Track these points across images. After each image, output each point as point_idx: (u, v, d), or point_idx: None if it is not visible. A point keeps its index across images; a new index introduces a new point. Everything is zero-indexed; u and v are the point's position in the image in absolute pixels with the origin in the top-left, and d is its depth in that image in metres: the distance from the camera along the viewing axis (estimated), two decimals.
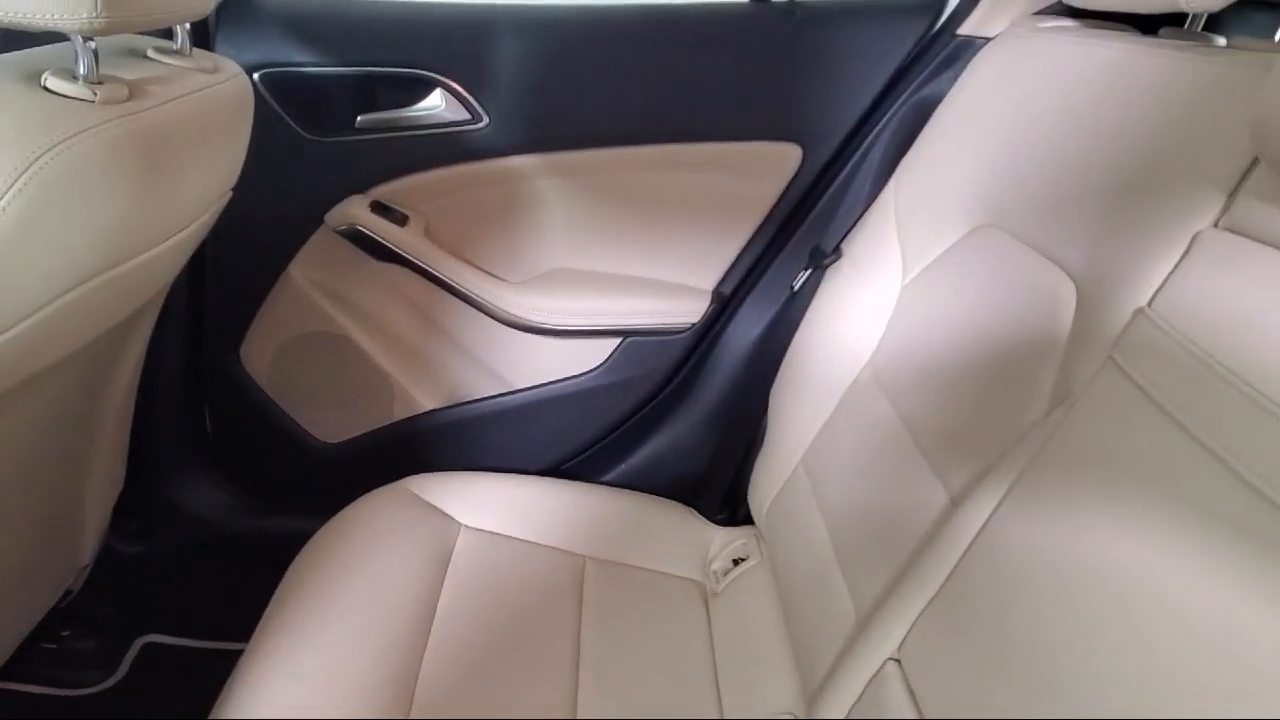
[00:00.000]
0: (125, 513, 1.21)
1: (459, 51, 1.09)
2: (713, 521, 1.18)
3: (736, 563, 1.11)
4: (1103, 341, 0.62)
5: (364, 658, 0.86)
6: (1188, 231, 0.59)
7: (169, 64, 0.78)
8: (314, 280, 1.18)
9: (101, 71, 0.66)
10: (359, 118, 1.10)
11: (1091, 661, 0.50)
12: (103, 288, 0.70)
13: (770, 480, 1.09)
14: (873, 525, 0.84)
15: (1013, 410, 0.70)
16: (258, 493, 1.30)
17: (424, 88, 1.10)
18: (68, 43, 0.75)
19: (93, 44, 0.65)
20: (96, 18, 0.60)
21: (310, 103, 1.09)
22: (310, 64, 1.07)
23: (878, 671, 0.71)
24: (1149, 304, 0.59)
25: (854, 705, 0.72)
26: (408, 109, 1.11)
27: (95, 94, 0.64)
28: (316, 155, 1.11)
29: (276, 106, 1.07)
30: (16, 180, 0.56)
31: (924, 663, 0.66)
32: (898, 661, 0.69)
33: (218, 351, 1.22)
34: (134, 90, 0.68)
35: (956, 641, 0.63)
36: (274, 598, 0.95)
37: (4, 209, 0.56)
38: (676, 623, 1.03)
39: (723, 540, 1.15)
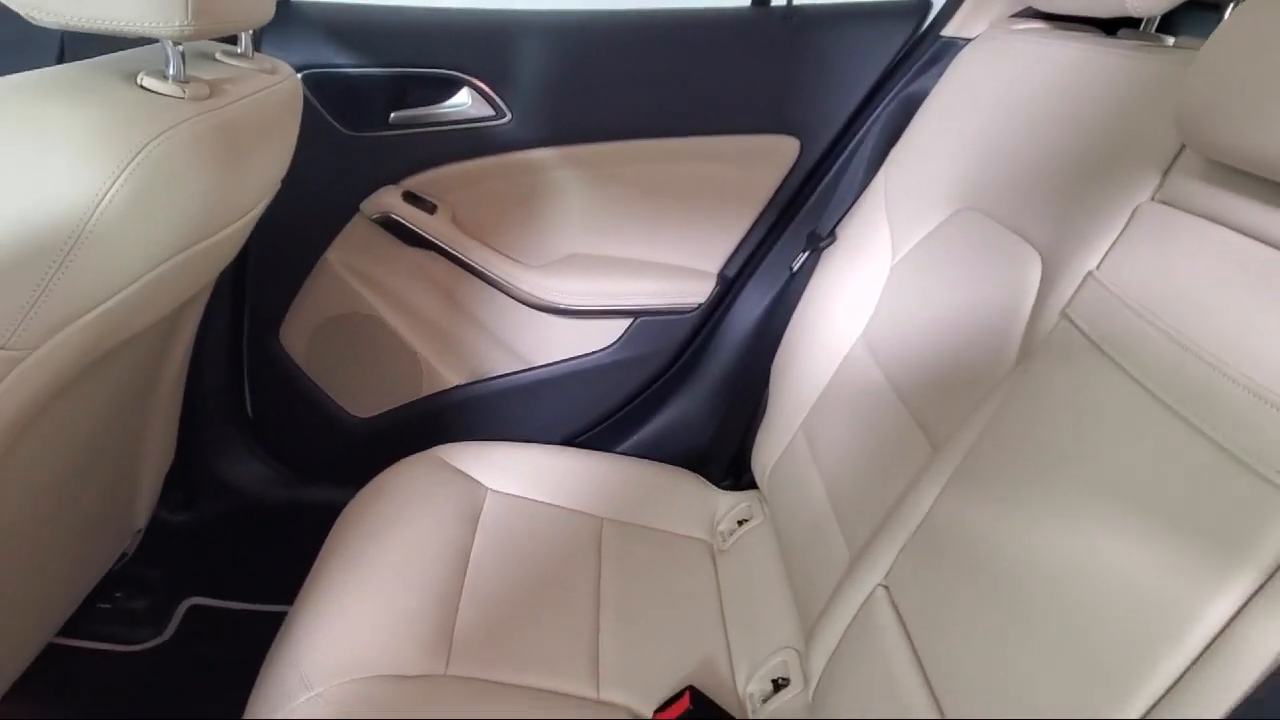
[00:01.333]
0: (171, 484, 1.30)
1: (484, 53, 1.18)
2: (719, 487, 1.28)
3: (741, 523, 1.20)
4: (1060, 303, 0.72)
5: (408, 601, 0.95)
6: (1130, 205, 0.69)
7: (236, 65, 0.88)
8: (349, 265, 1.28)
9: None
10: (392, 114, 1.20)
11: (1047, 574, 0.59)
12: (180, 266, 0.80)
13: (772, 446, 1.19)
14: (864, 476, 0.94)
15: (986, 366, 0.80)
16: (295, 465, 1.39)
17: (452, 86, 1.20)
18: (150, 46, 0.85)
19: (181, 48, 0.74)
20: (186, 25, 0.69)
21: (348, 101, 1.18)
22: (348, 65, 1.17)
23: (868, 597, 0.80)
24: (1098, 267, 0.68)
25: (847, 629, 0.82)
26: (437, 106, 1.21)
27: (184, 92, 0.74)
28: (353, 149, 1.20)
29: (317, 104, 1.17)
30: (126, 167, 0.66)
31: (908, 586, 0.75)
32: (885, 587, 0.79)
33: (258, 332, 1.31)
34: (213, 89, 0.78)
35: (935, 566, 0.72)
36: (323, 550, 1.04)
37: (116, 192, 0.65)
38: (687, 576, 1.12)
39: (728, 503, 1.24)
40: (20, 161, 0.63)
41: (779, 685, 0.94)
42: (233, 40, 0.91)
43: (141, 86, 0.73)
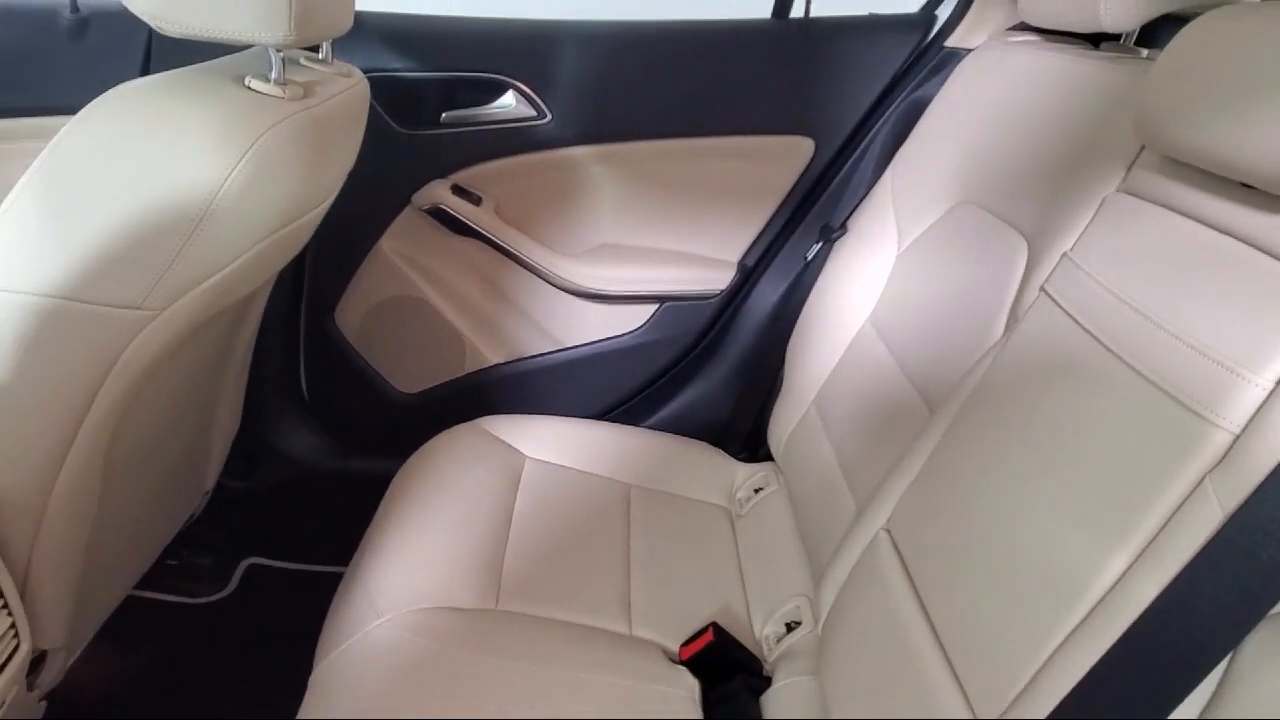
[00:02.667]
0: (234, 452, 1.41)
1: (528, 59, 1.30)
2: (737, 459, 1.39)
3: (757, 491, 1.31)
4: (1040, 281, 0.83)
5: (460, 547, 1.06)
6: (1100, 195, 0.80)
7: (317, 70, 0.99)
8: (400, 252, 1.40)
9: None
10: (443, 114, 1.32)
11: (1014, 513, 0.70)
12: (275, 243, 0.92)
13: (786, 420, 1.30)
14: (870, 440, 1.05)
15: (978, 337, 0.91)
16: (345, 437, 1.51)
17: (498, 89, 1.32)
18: (245, 52, 0.97)
19: (282, 54, 0.86)
20: (289, 35, 0.81)
21: (403, 101, 1.30)
22: (404, 69, 1.28)
23: (872, 540, 0.91)
24: (1072, 249, 0.79)
25: (853, 569, 0.93)
26: (484, 107, 1.33)
27: (284, 93, 0.86)
28: (407, 146, 1.32)
29: (376, 104, 1.29)
30: (243, 156, 0.77)
31: (907, 528, 0.86)
32: (888, 531, 0.90)
33: (315, 314, 1.43)
34: (305, 90, 0.90)
35: (931, 510, 0.83)
36: (383, 503, 1.16)
37: (234, 177, 0.77)
38: (708, 537, 1.23)
39: (745, 474, 1.35)
40: (160, 150, 0.75)
41: (791, 627, 1.05)
42: (313, 47, 1.03)
43: (249, 88, 0.84)
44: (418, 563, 1.03)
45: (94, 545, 0.93)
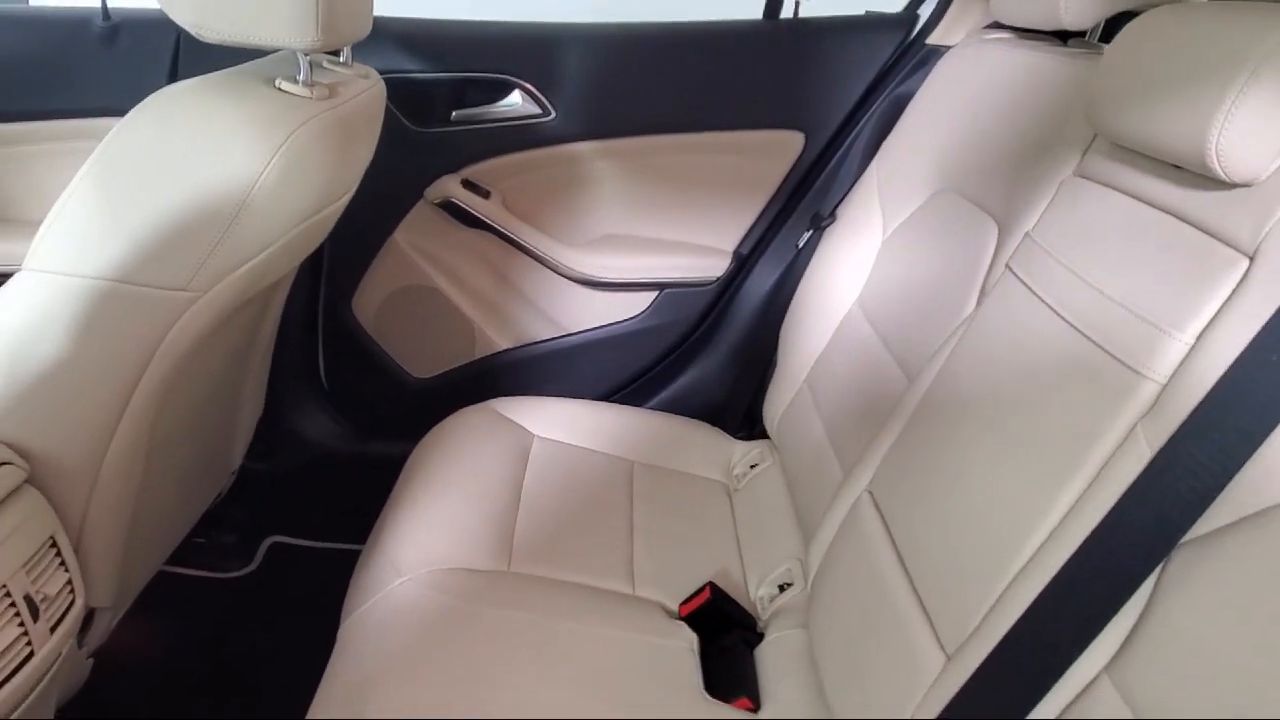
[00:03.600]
0: (256, 437, 1.49)
1: (533, 60, 1.38)
2: (734, 437, 1.46)
3: (753, 467, 1.39)
4: (1006, 259, 0.90)
5: (474, 518, 1.14)
6: (1059, 179, 0.87)
7: (339, 72, 1.07)
8: (414, 244, 1.48)
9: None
10: (454, 113, 1.40)
11: (985, 463, 0.78)
12: (302, 232, 0.99)
13: (780, 399, 1.37)
14: (856, 412, 1.12)
15: (952, 313, 0.98)
16: (361, 420, 1.59)
17: (505, 89, 1.40)
18: (272, 56, 1.04)
19: (308, 58, 0.94)
20: (316, 40, 0.88)
21: (416, 101, 1.38)
22: (417, 70, 1.36)
23: (856, 502, 0.99)
24: (1033, 229, 0.86)
25: (838, 530, 1.00)
26: (492, 106, 1.41)
27: (311, 93, 0.93)
28: (419, 143, 1.40)
29: (390, 104, 1.36)
30: (276, 152, 0.85)
31: (886, 488, 0.94)
32: (870, 492, 0.97)
33: (333, 303, 1.51)
34: (330, 91, 0.97)
35: (908, 470, 0.91)
36: (401, 476, 1.23)
37: (270, 170, 0.85)
38: (706, 508, 1.30)
39: (742, 451, 1.42)
40: (204, 146, 0.82)
41: (784, 588, 1.12)
42: (334, 51, 1.11)
43: (280, 89, 0.92)
44: (435, 529, 1.11)
45: (137, 513, 1.01)
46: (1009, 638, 0.66)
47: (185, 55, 1.33)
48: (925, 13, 1.38)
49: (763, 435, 1.44)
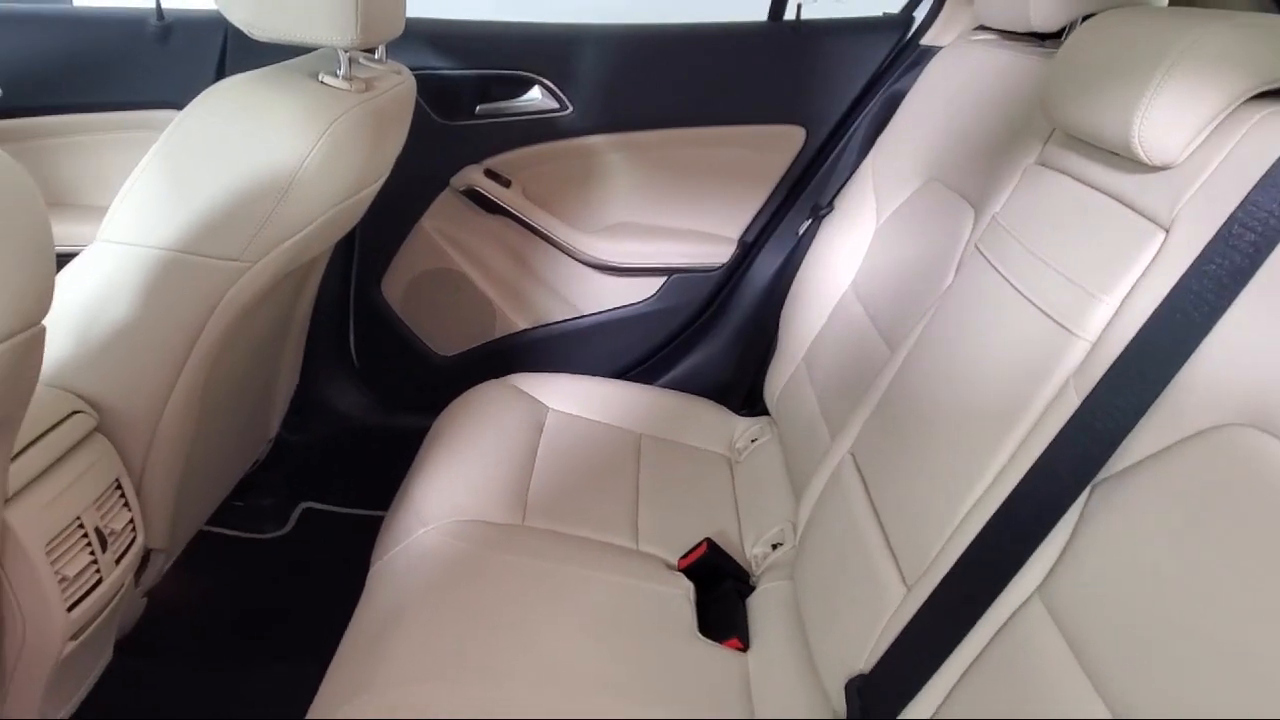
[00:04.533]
0: (290, 409, 1.60)
1: (552, 58, 1.48)
2: (737, 413, 1.55)
3: (753, 441, 1.48)
4: (976, 239, 0.99)
5: (491, 478, 1.23)
6: (1023, 166, 0.96)
7: (373, 68, 1.17)
8: (439, 229, 1.58)
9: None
10: (477, 107, 1.50)
11: (945, 418, 0.87)
12: (339, 213, 1.10)
13: (779, 377, 1.46)
14: (844, 383, 1.21)
15: (931, 289, 1.07)
16: (389, 395, 1.69)
17: (525, 85, 1.50)
18: (314, 53, 1.15)
19: (348, 55, 1.04)
20: (356, 38, 0.99)
21: (442, 95, 1.48)
22: (444, 67, 1.47)
23: (839, 463, 1.08)
24: (999, 212, 0.95)
25: (823, 490, 1.09)
26: (513, 100, 1.51)
27: (350, 87, 1.04)
28: (445, 135, 1.51)
29: (419, 98, 1.47)
30: (321, 137, 0.96)
31: (867, 449, 1.03)
32: (852, 454, 1.06)
33: (364, 284, 1.62)
34: (366, 85, 1.08)
35: (885, 432, 1.00)
36: (425, 441, 1.34)
37: (313, 154, 0.95)
38: (708, 477, 1.40)
39: (744, 427, 1.52)
40: (257, 132, 0.93)
41: (776, 547, 1.22)
42: (369, 49, 1.21)
43: (322, 82, 1.03)
44: (456, 485, 1.21)
45: (188, 466, 1.12)
46: (955, 567, 0.75)
47: (232, 52, 1.44)
48: (920, 15, 1.47)
49: (764, 412, 1.53)
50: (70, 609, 0.89)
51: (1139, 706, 0.56)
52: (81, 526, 0.91)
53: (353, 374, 1.68)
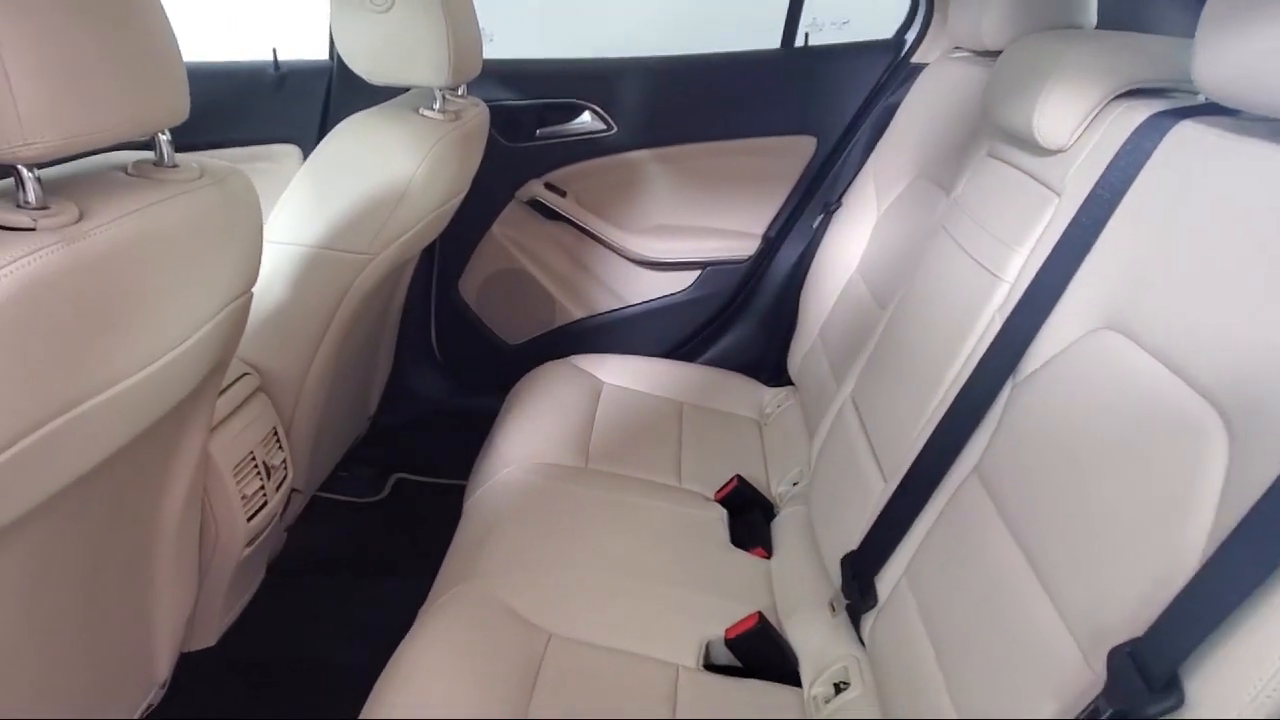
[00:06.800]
0: (384, 393, 1.88)
1: (599, 88, 1.76)
2: (765, 385, 1.80)
3: (778, 406, 1.73)
4: (941, 218, 1.24)
5: (559, 432, 1.50)
6: (978, 159, 1.20)
7: (459, 102, 1.46)
8: (507, 235, 1.87)
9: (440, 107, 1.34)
10: (538, 130, 1.79)
11: (916, 350, 1.11)
12: (436, 217, 1.38)
13: (800, 350, 1.71)
14: (850, 347, 1.46)
15: (913, 263, 1.32)
16: (464, 379, 1.97)
17: (577, 110, 1.79)
18: (412, 91, 1.43)
19: (441, 92, 1.33)
20: (449, 79, 1.27)
21: (509, 122, 1.77)
22: (509, 99, 1.76)
23: (841, 406, 1.32)
24: (958, 194, 1.20)
25: (830, 427, 1.34)
26: (567, 124, 1.80)
27: (444, 117, 1.32)
28: (511, 155, 1.79)
29: (489, 125, 1.76)
30: (425, 158, 1.24)
31: (862, 389, 1.28)
32: (852, 398, 1.31)
33: (444, 286, 1.91)
34: (455, 115, 1.36)
35: (875, 373, 1.24)
36: (504, 407, 1.60)
37: (420, 170, 1.23)
38: (741, 436, 1.64)
39: (770, 395, 1.76)
40: (379, 154, 1.22)
41: (796, 484, 1.46)
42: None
43: (422, 115, 1.31)
44: (532, 437, 1.47)
45: (320, 423, 1.40)
46: (918, 457, 1.00)
47: (335, 94, 1.74)
48: (910, 37, 1.72)
49: (788, 383, 1.78)
50: (249, 520, 1.18)
51: (1046, 549, 0.77)
52: (254, 459, 1.20)
53: (434, 364, 1.97)
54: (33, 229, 0.59)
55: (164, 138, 0.77)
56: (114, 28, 0.64)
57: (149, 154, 0.78)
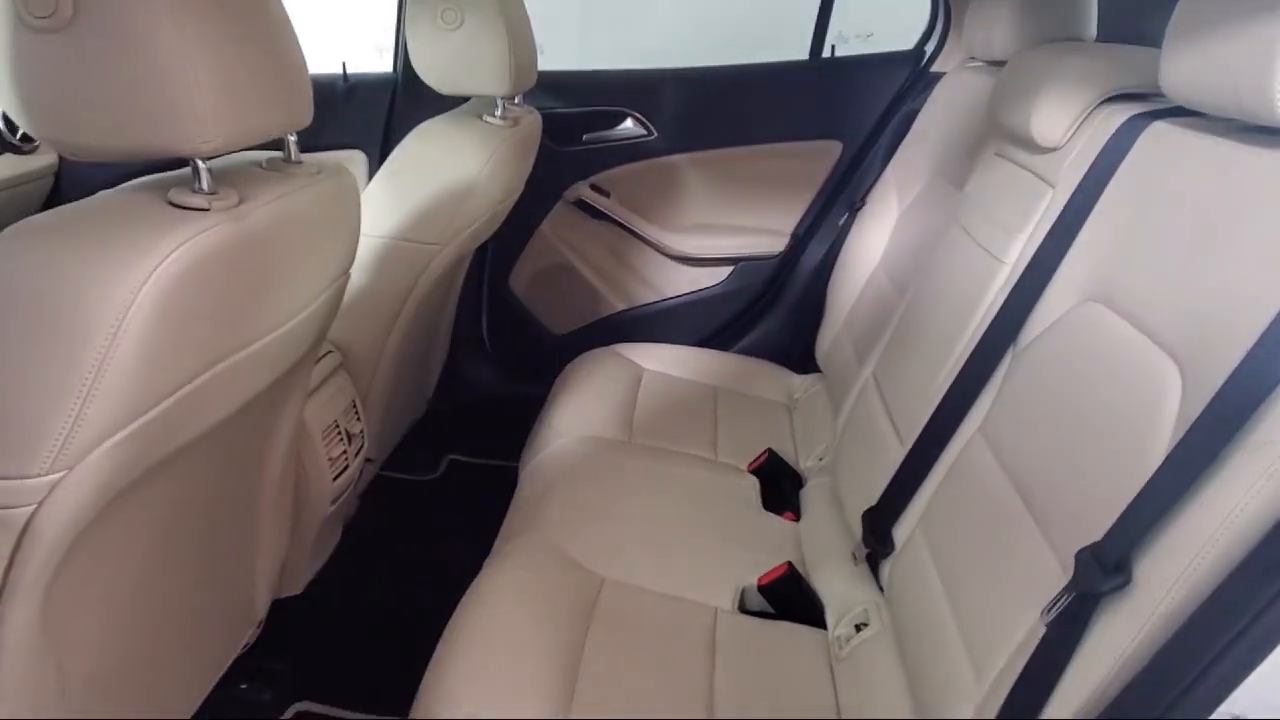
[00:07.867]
0: (439, 381, 2.03)
1: (640, 96, 1.91)
2: (795, 372, 1.93)
3: (807, 392, 1.85)
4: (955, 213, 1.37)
5: (605, 409, 1.64)
6: (987, 157, 1.33)
7: (516, 109, 1.60)
8: (555, 233, 2.02)
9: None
10: (584, 136, 1.94)
11: (927, 328, 1.24)
12: (494, 215, 1.53)
13: (827, 339, 1.84)
14: (872, 333, 1.59)
15: (929, 254, 1.45)
16: (514, 367, 2.12)
17: (621, 118, 1.94)
18: (470, 102, 1.59)
19: (502, 100, 1.48)
20: (509, 89, 1.42)
21: (557, 128, 1.92)
22: (558, 107, 1.91)
23: (863, 385, 1.45)
24: (969, 190, 1.33)
25: (853, 404, 1.47)
26: (611, 130, 1.95)
27: (504, 123, 1.47)
28: (560, 158, 1.94)
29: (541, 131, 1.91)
30: (488, 159, 1.39)
31: (882, 368, 1.40)
32: (873, 375, 1.44)
33: (495, 279, 2.06)
34: (514, 121, 1.51)
35: (894, 350, 1.37)
36: (553, 388, 1.75)
37: (484, 170, 1.38)
38: (772, 417, 1.77)
39: (799, 381, 1.89)
40: (448, 155, 1.37)
41: (822, 458, 1.59)
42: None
43: (485, 122, 1.46)
44: (580, 413, 1.61)
45: (389, 399, 1.55)
46: (929, 420, 1.13)
47: (399, 103, 1.90)
48: (930, 48, 1.85)
49: (816, 370, 1.91)
50: (334, 480, 1.33)
51: (1036, 487, 0.89)
52: (338, 426, 1.35)
53: (485, 354, 2.12)
54: (207, 210, 0.72)
55: (292, 139, 0.90)
56: (264, 46, 0.79)
57: (277, 153, 0.91)
